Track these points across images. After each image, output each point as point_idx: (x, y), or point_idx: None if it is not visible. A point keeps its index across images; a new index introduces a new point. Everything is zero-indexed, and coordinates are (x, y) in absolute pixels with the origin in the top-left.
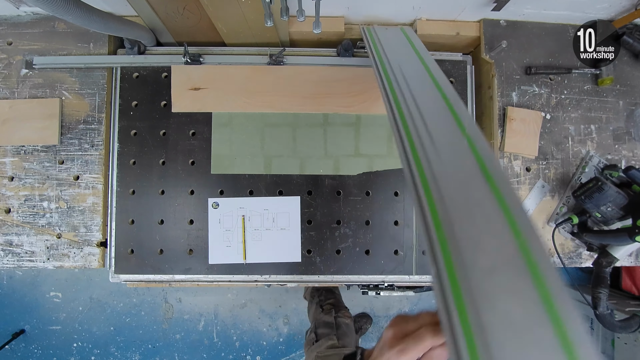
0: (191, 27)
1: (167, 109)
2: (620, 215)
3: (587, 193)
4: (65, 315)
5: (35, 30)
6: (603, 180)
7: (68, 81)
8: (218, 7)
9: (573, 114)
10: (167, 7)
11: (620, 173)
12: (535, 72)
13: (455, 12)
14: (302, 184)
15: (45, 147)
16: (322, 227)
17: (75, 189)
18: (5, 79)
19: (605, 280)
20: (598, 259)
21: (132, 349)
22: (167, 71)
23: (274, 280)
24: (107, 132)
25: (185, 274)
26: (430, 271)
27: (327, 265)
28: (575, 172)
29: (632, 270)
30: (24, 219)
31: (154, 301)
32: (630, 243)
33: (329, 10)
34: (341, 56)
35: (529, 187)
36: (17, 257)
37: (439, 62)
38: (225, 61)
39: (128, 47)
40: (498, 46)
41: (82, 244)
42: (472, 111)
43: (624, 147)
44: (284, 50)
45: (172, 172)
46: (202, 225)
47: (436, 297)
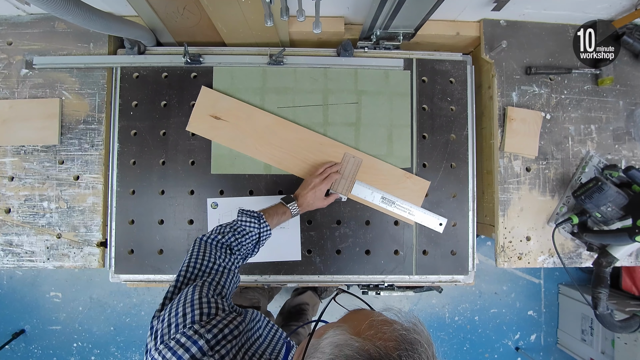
0: (191, 27)
1: (167, 109)
2: (620, 215)
3: (587, 193)
4: (65, 315)
5: (35, 30)
6: (603, 180)
7: (68, 81)
8: (218, 7)
9: (573, 114)
10: (167, 7)
11: (620, 173)
12: (535, 72)
13: (455, 12)
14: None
15: (45, 147)
16: (322, 227)
17: (75, 189)
18: (5, 79)
19: (605, 280)
20: (598, 259)
21: (132, 349)
22: (167, 71)
23: (273, 280)
24: (107, 132)
25: None
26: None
27: (327, 265)
28: (575, 172)
29: (632, 270)
30: (24, 219)
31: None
32: (630, 243)
33: (329, 10)
34: (341, 56)
35: (528, 187)
36: (17, 257)
37: (439, 62)
38: (225, 61)
39: (128, 47)
40: (498, 46)
41: (82, 244)
42: (472, 111)
43: (624, 147)
44: (284, 50)
45: (172, 172)
46: (202, 225)
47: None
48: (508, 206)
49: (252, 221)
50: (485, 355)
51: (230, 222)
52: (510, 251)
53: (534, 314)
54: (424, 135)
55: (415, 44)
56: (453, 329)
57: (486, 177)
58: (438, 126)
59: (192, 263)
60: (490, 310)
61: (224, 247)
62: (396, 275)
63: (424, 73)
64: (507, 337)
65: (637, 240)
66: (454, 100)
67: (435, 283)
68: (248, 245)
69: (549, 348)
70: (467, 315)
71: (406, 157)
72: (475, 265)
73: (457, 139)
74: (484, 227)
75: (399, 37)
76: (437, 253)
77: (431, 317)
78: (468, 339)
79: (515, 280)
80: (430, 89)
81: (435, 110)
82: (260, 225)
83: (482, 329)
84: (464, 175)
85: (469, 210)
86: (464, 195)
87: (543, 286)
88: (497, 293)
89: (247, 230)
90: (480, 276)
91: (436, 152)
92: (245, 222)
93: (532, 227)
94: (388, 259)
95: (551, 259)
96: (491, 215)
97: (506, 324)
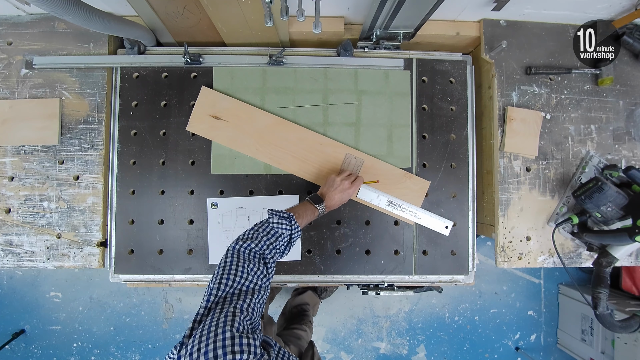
0: (191, 27)
1: (167, 109)
2: (620, 215)
3: (587, 193)
4: (65, 315)
5: (35, 30)
6: (603, 180)
7: (68, 81)
8: (218, 7)
9: (573, 114)
10: (167, 7)
11: (620, 173)
12: (535, 72)
13: (455, 12)
14: (302, 184)
15: (45, 147)
16: (322, 227)
17: (75, 189)
18: (5, 79)
19: (605, 280)
20: (598, 259)
21: (132, 349)
22: (167, 71)
23: (273, 280)
24: (107, 132)
25: (185, 274)
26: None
27: (327, 265)
28: (575, 172)
29: (632, 270)
30: (24, 219)
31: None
32: (630, 243)
33: (329, 10)
34: (341, 56)
35: (528, 187)
36: (17, 257)
37: (439, 62)
38: (225, 61)
39: (128, 47)
40: (498, 46)
41: (82, 244)
42: (472, 111)
43: (624, 147)
44: (284, 50)
45: (172, 172)
46: (202, 225)
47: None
48: (508, 206)
49: (284, 222)
50: (485, 355)
51: (261, 223)
52: (510, 251)
53: (534, 314)
54: (424, 135)
55: (415, 44)
56: (453, 329)
57: (486, 177)
58: (438, 126)
59: (224, 280)
60: (490, 310)
61: (257, 257)
62: (396, 275)
63: (424, 73)
64: (507, 337)
65: (637, 240)
66: (454, 100)
67: (435, 283)
68: (280, 247)
69: (549, 348)
70: (467, 315)
71: (406, 157)
72: (475, 265)
73: (457, 139)
74: (484, 227)
75: (399, 37)
76: (437, 253)
77: (431, 317)
78: (468, 339)
79: (515, 280)
80: (430, 89)
81: (435, 110)
82: (292, 227)
83: (482, 329)
84: (464, 175)
85: (469, 210)
86: (464, 195)
87: (543, 286)
88: (497, 293)
89: (279, 232)
90: (480, 276)
91: (436, 152)
92: (277, 223)
93: (532, 227)
94: (388, 259)
95: (551, 259)
96: (491, 215)
97: (506, 324)
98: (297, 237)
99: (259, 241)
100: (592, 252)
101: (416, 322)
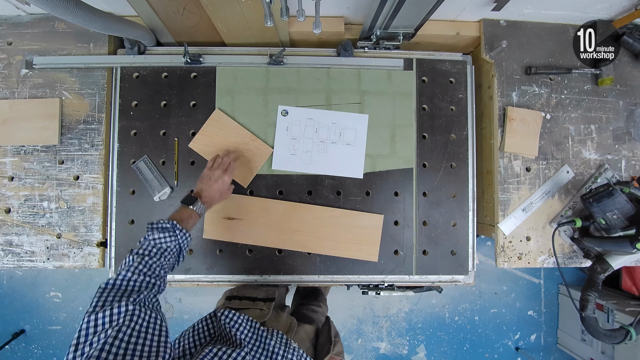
0: (191, 27)
1: (167, 109)
2: (624, 225)
3: (596, 196)
4: (65, 315)
5: (35, 30)
6: (614, 187)
7: (68, 81)
8: (218, 7)
9: (573, 114)
10: (167, 7)
11: (632, 189)
12: (535, 72)
13: (455, 12)
14: (302, 184)
15: (45, 147)
16: None
17: (75, 189)
18: (5, 79)
19: (597, 285)
20: (593, 265)
21: None
22: (167, 71)
23: (273, 280)
24: (107, 132)
25: (185, 274)
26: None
27: (327, 265)
28: (587, 181)
29: (632, 270)
30: (24, 219)
31: None
32: (630, 251)
33: (329, 10)
34: (341, 56)
35: (529, 187)
36: (17, 257)
37: (439, 62)
38: (226, 61)
39: (128, 47)
40: (498, 46)
41: (82, 244)
42: (472, 111)
43: (624, 147)
44: (284, 50)
45: (172, 172)
46: (202, 226)
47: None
48: (508, 206)
49: (165, 235)
50: (485, 355)
51: (141, 243)
52: (510, 251)
53: (534, 314)
54: (424, 135)
55: (415, 44)
56: (453, 329)
57: (486, 177)
58: (438, 126)
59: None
60: (490, 310)
61: (150, 309)
62: (396, 275)
63: (424, 73)
64: (507, 337)
65: (637, 248)
66: (454, 100)
67: (435, 283)
68: (169, 262)
69: (549, 348)
70: (467, 315)
71: (409, 157)
72: (475, 265)
73: (457, 139)
74: (484, 227)
75: (399, 37)
76: (437, 253)
77: (431, 317)
78: (468, 339)
79: (515, 280)
80: (430, 89)
81: (435, 110)
82: (178, 236)
83: (482, 329)
84: (464, 175)
85: (469, 210)
86: (464, 195)
87: (543, 286)
88: (497, 293)
89: (164, 247)
90: (480, 276)
91: (436, 152)
92: (158, 239)
93: (532, 227)
94: (388, 259)
95: (551, 259)
96: (491, 215)
97: (506, 324)
98: (187, 245)
99: (140, 272)
100: (589, 259)
101: (416, 322)
